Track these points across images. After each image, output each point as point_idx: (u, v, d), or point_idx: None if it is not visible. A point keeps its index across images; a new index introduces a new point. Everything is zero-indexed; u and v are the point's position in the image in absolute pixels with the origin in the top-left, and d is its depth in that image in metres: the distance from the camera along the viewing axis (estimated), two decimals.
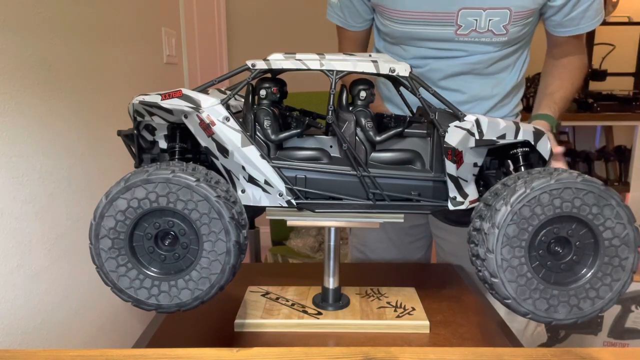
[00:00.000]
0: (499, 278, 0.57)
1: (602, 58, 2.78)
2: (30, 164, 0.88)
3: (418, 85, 0.64)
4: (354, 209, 0.67)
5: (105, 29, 1.20)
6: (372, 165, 0.66)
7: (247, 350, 0.62)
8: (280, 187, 0.64)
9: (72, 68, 1.03)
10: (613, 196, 0.57)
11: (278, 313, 0.81)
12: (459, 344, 0.75)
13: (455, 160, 0.64)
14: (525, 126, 0.67)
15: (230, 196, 0.59)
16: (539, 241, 0.58)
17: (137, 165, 0.70)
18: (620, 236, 0.57)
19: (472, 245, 0.60)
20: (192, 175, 0.57)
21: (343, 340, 0.76)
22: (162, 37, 1.65)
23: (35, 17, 0.91)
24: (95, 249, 0.58)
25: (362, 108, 0.67)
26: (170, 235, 0.59)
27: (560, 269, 0.58)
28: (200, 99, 0.62)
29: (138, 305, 0.59)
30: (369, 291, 0.89)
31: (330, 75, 0.63)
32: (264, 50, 0.69)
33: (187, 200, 0.57)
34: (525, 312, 0.58)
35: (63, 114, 0.99)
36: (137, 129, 0.67)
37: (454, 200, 0.65)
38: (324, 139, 0.67)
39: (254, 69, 0.63)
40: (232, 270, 0.59)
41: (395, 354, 0.62)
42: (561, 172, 0.58)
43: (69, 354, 0.62)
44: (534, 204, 0.56)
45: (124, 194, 0.57)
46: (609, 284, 0.58)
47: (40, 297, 0.91)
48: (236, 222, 0.58)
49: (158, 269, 0.59)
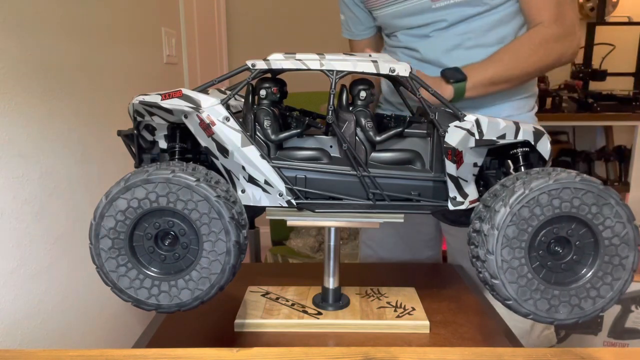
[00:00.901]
0: (499, 279, 0.57)
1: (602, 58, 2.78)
2: (30, 164, 0.88)
3: (418, 85, 0.64)
4: (354, 209, 0.67)
5: (105, 29, 1.20)
6: (372, 165, 0.66)
7: (247, 350, 0.63)
8: (280, 187, 0.64)
9: (72, 68, 1.03)
10: (612, 195, 0.57)
11: (278, 313, 0.81)
12: (459, 344, 0.75)
13: (455, 160, 0.64)
14: (525, 126, 0.67)
15: (230, 196, 0.59)
16: (538, 242, 0.58)
17: (137, 165, 0.70)
18: (619, 235, 0.57)
19: (472, 247, 0.60)
20: (192, 175, 0.57)
21: (343, 340, 0.76)
22: (162, 37, 1.65)
23: (35, 17, 0.91)
24: (96, 249, 0.58)
25: (362, 108, 0.67)
26: (170, 235, 0.59)
27: (560, 269, 0.58)
28: (200, 99, 0.62)
29: (138, 305, 0.59)
30: (369, 291, 0.89)
31: (330, 75, 0.63)
32: (264, 50, 0.69)
33: (187, 200, 0.57)
34: (526, 312, 0.58)
35: (63, 114, 0.99)
36: (137, 129, 0.67)
37: (454, 200, 0.66)
38: (324, 139, 0.67)
39: (254, 69, 0.63)
40: (232, 270, 0.59)
41: (395, 354, 0.62)
42: (560, 172, 0.58)
43: (69, 354, 0.62)
44: (533, 205, 0.56)
45: (124, 194, 0.57)
46: (610, 283, 0.58)
47: (40, 297, 0.91)
48: (236, 222, 0.58)
49: (158, 269, 0.59)
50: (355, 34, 1.17)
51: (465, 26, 0.99)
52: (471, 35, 0.99)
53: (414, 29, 1.02)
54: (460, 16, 0.98)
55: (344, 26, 1.19)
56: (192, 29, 2.02)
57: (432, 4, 0.97)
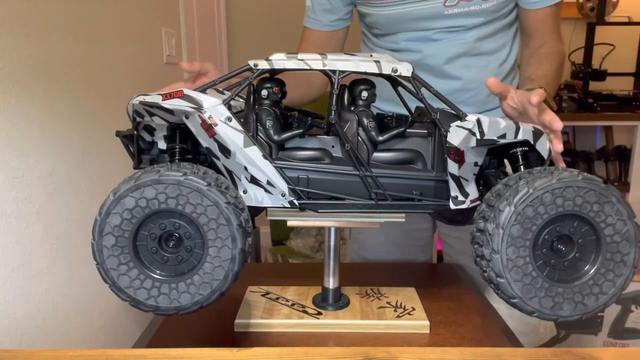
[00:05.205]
0: (504, 278, 0.57)
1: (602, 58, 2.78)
2: (30, 164, 0.88)
3: (420, 85, 0.64)
4: (357, 209, 0.66)
5: (105, 29, 1.20)
6: (374, 165, 0.66)
7: (247, 350, 0.62)
8: (282, 188, 0.64)
9: (72, 68, 1.03)
10: (613, 193, 0.57)
11: (278, 313, 0.80)
12: (459, 344, 0.75)
13: (458, 160, 0.64)
14: (525, 126, 0.67)
15: (239, 203, 0.59)
16: (542, 240, 0.58)
17: (136, 166, 0.69)
18: (621, 232, 0.58)
19: (476, 246, 0.61)
20: (204, 179, 0.57)
21: (343, 340, 0.75)
22: (162, 37, 1.65)
23: (35, 17, 0.90)
24: (98, 246, 0.57)
25: (364, 108, 0.67)
26: (175, 237, 0.58)
27: (563, 267, 0.59)
28: (202, 99, 0.61)
29: (136, 305, 0.59)
30: (369, 291, 0.89)
31: (333, 75, 0.63)
32: (264, 51, 0.69)
33: (197, 204, 0.56)
34: (531, 310, 0.58)
35: (63, 114, 0.99)
36: (136, 129, 0.67)
37: (456, 199, 0.65)
38: (326, 139, 0.67)
39: (256, 69, 0.63)
40: (235, 277, 0.58)
41: (395, 354, 0.62)
42: (562, 171, 0.58)
43: (68, 354, 0.62)
44: (537, 204, 0.56)
45: (133, 193, 0.56)
46: (612, 279, 0.58)
47: (40, 297, 0.91)
48: (243, 229, 0.58)
49: (159, 271, 0.59)
50: (321, 24, 1.06)
51: (473, 33, 0.98)
52: (477, 43, 0.99)
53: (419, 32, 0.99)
54: (471, 24, 0.97)
55: (309, 12, 1.08)
56: (192, 29, 2.02)
57: (445, 9, 0.95)
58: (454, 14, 0.96)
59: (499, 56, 1.03)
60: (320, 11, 1.07)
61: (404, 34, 1.01)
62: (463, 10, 0.95)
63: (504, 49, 1.03)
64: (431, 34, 0.99)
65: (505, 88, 0.77)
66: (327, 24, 1.07)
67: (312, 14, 1.08)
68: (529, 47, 1.05)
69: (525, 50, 1.06)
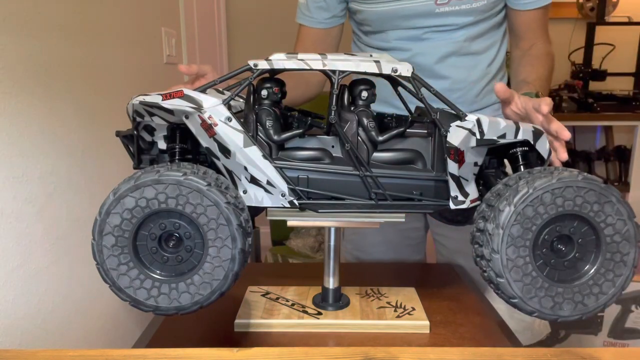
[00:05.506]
0: (504, 278, 0.57)
1: (602, 58, 2.78)
2: (30, 164, 0.88)
3: (420, 85, 0.64)
4: (357, 209, 0.66)
5: (105, 29, 1.20)
6: (374, 165, 0.66)
7: (247, 350, 0.62)
8: (282, 188, 0.64)
9: (72, 68, 1.03)
10: (613, 193, 0.57)
11: (278, 313, 0.81)
12: (458, 344, 0.75)
13: (458, 160, 0.64)
14: (524, 126, 0.67)
15: (239, 203, 0.59)
16: (542, 240, 0.58)
17: (136, 166, 0.69)
18: (621, 232, 0.58)
19: (476, 246, 0.61)
20: (204, 179, 0.57)
21: (343, 340, 0.75)
22: (162, 37, 1.65)
23: (35, 17, 0.90)
24: (98, 246, 0.58)
25: (364, 108, 0.67)
26: (175, 237, 0.58)
27: (563, 267, 0.59)
28: (202, 99, 0.61)
29: (136, 305, 0.59)
30: (369, 291, 0.89)
31: (333, 75, 0.63)
32: (264, 50, 0.69)
33: (197, 204, 0.56)
34: (531, 310, 0.58)
35: (63, 114, 0.99)
36: (136, 129, 0.67)
37: (456, 199, 0.65)
38: (326, 139, 0.67)
39: (256, 69, 0.63)
40: (235, 277, 0.58)
41: (395, 354, 0.62)
42: (562, 171, 0.58)
43: (68, 354, 0.62)
44: (536, 204, 0.56)
45: (133, 192, 0.56)
46: (612, 279, 0.58)
47: (40, 297, 0.91)
48: (243, 229, 0.58)
49: (159, 270, 0.59)
50: (316, 21, 1.06)
51: (463, 32, 0.98)
52: (466, 43, 0.99)
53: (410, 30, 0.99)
54: (462, 23, 0.97)
55: (302, 9, 1.07)
56: (192, 29, 2.02)
57: (437, 8, 0.95)
58: (445, 12, 0.96)
59: (488, 56, 1.04)
60: (314, 8, 1.06)
61: (395, 32, 1.01)
62: (454, 8, 0.96)
63: (492, 49, 1.04)
64: (421, 33, 0.99)
65: (511, 94, 0.78)
66: (321, 22, 1.07)
67: (307, 11, 1.08)
68: (519, 48, 1.06)
69: (515, 51, 1.07)
